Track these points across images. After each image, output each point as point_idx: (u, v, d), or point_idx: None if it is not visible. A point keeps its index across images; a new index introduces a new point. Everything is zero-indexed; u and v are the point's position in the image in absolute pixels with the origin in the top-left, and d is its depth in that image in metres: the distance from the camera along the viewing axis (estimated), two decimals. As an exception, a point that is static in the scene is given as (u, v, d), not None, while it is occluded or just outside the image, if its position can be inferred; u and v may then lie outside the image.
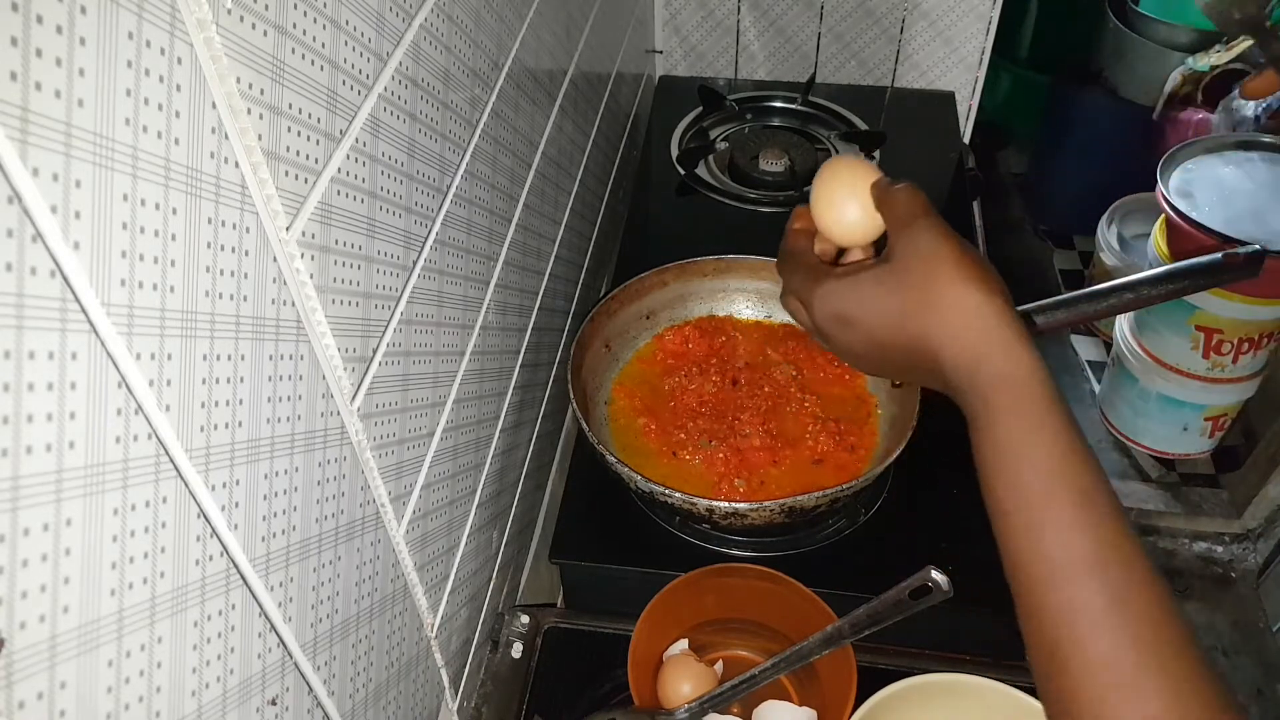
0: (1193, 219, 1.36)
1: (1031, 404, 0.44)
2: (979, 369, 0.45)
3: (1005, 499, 0.43)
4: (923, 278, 0.48)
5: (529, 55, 0.78)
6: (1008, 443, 0.43)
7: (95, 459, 0.32)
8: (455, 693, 0.74)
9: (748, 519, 0.77)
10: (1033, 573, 0.42)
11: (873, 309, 0.50)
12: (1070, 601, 0.40)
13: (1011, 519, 0.43)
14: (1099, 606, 0.39)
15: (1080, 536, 0.41)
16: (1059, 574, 0.41)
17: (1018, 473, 0.43)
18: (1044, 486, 0.42)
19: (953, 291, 0.47)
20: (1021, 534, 0.42)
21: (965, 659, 0.80)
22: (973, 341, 0.46)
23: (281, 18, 0.41)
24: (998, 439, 0.44)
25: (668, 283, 0.98)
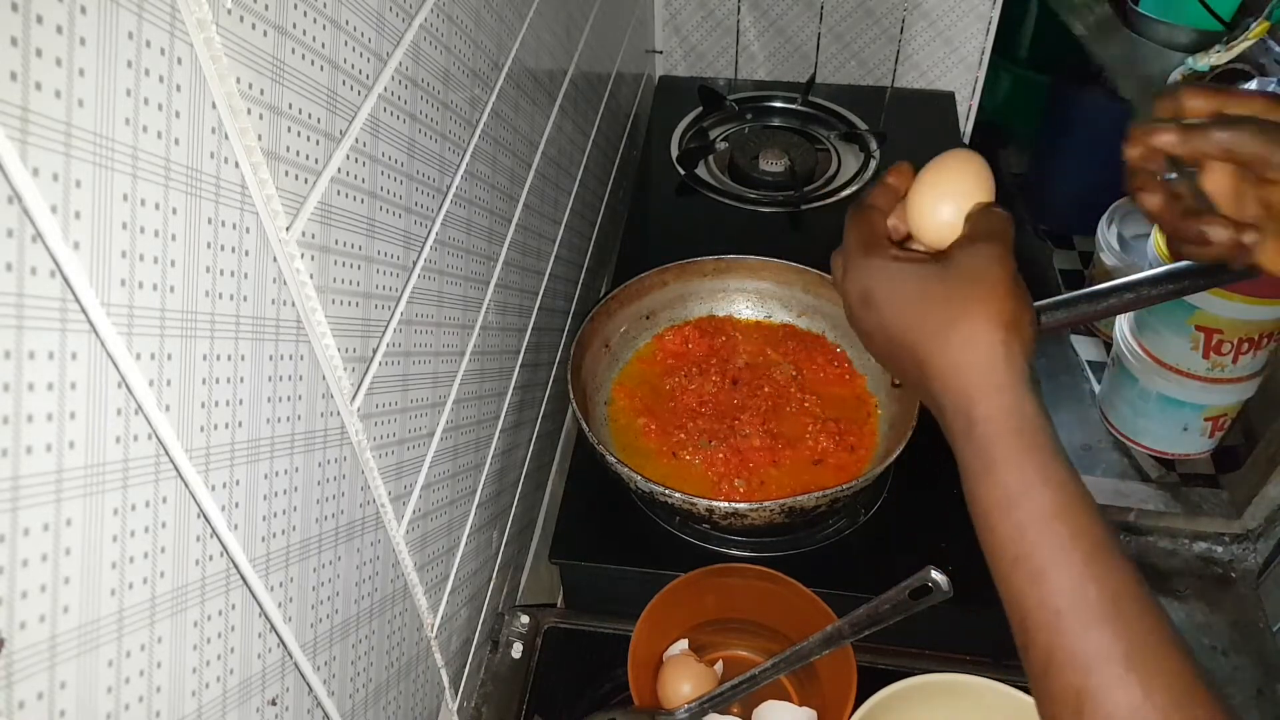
0: (1193, 219, 1.36)
1: (1037, 453, 0.43)
2: (977, 407, 0.44)
3: (1009, 545, 0.42)
4: (958, 291, 0.46)
5: (529, 55, 0.78)
6: (1008, 490, 0.43)
7: (95, 459, 0.32)
8: (455, 693, 0.74)
9: (748, 519, 0.77)
10: (1039, 619, 0.41)
11: (897, 300, 0.48)
12: (1088, 648, 0.39)
13: (1017, 565, 0.42)
14: (1120, 654, 0.38)
15: (1093, 585, 0.40)
16: (1069, 621, 0.40)
17: (1021, 522, 0.42)
18: (1050, 535, 0.41)
19: (979, 319, 0.45)
20: (1028, 581, 0.42)
21: (965, 659, 0.80)
22: (977, 380, 0.45)
23: (281, 18, 0.41)
24: (999, 484, 0.43)
25: (668, 283, 0.98)
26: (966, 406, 0.45)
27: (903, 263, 0.49)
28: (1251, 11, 1.68)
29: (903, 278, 0.49)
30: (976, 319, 0.45)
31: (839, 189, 1.23)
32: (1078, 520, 0.41)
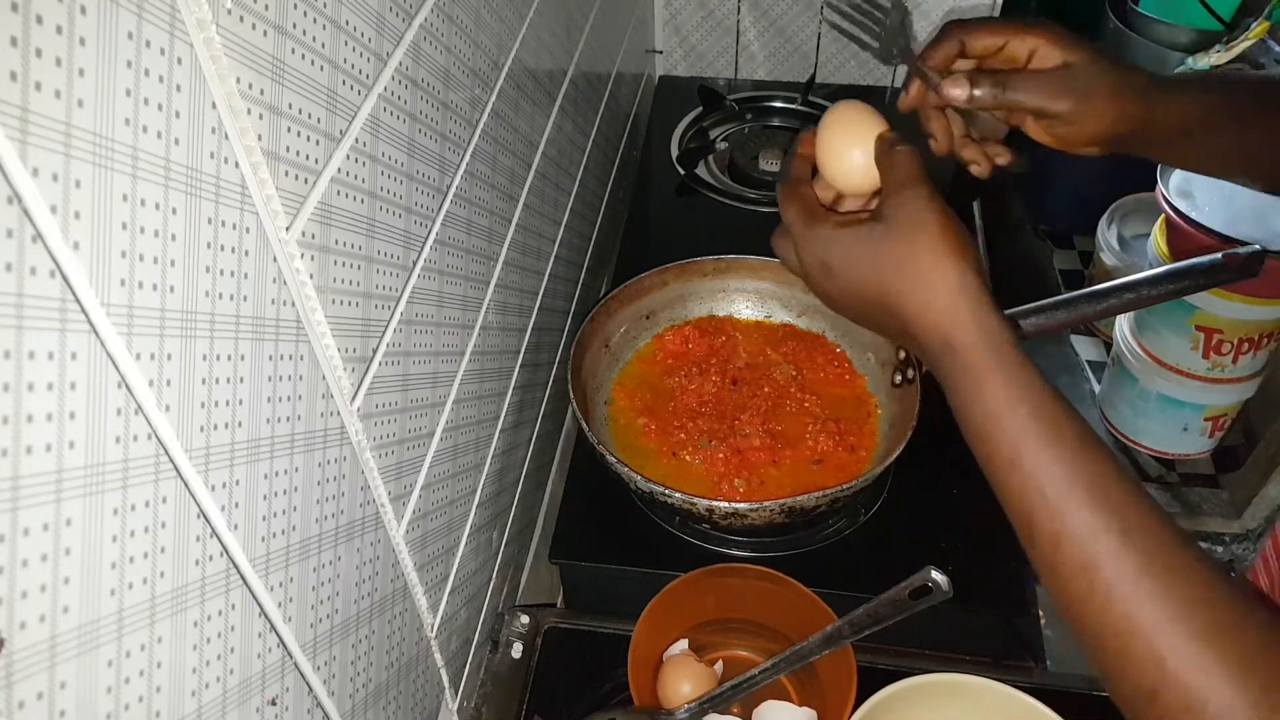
0: (1193, 219, 1.36)
1: (1012, 366, 0.47)
2: (954, 336, 0.48)
3: (1004, 449, 0.46)
4: (905, 244, 0.50)
5: (529, 55, 0.78)
6: (996, 402, 0.46)
7: (95, 459, 0.32)
8: (455, 693, 0.74)
9: (748, 519, 0.77)
10: (1040, 508, 0.44)
11: (855, 264, 0.52)
12: (1087, 524, 0.43)
13: (1014, 467, 0.45)
14: (1116, 528, 0.42)
15: (1083, 472, 0.44)
16: (1068, 504, 0.43)
17: (1010, 429, 0.45)
18: (1038, 435, 0.45)
19: (929, 261, 0.49)
20: (1025, 478, 0.45)
21: (965, 659, 0.80)
22: (946, 311, 0.49)
23: (281, 18, 0.41)
24: (985, 401, 0.47)
25: (668, 283, 0.98)
26: (945, 339, 0.49)
27: (849, 227, 0.53)
28: (1251, 11, 1.68)
29: (853, 241, 0.52)
30: (928, 260, 0.49)
31: (839, 189, 1.23)
32: (1058, 419, 0.45)
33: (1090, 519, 0.42)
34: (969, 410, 0.48)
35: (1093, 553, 0.42)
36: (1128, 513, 0.42)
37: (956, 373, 0.48)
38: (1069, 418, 0.45)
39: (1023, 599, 0.81)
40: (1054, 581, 0.44)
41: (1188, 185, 1.43)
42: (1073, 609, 0.43)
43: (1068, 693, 0.75)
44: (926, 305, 0.49)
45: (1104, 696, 0.76)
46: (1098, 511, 0.42)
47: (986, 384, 0.47)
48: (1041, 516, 0.44)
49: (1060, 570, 0.43)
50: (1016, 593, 0.82)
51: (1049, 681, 0.77)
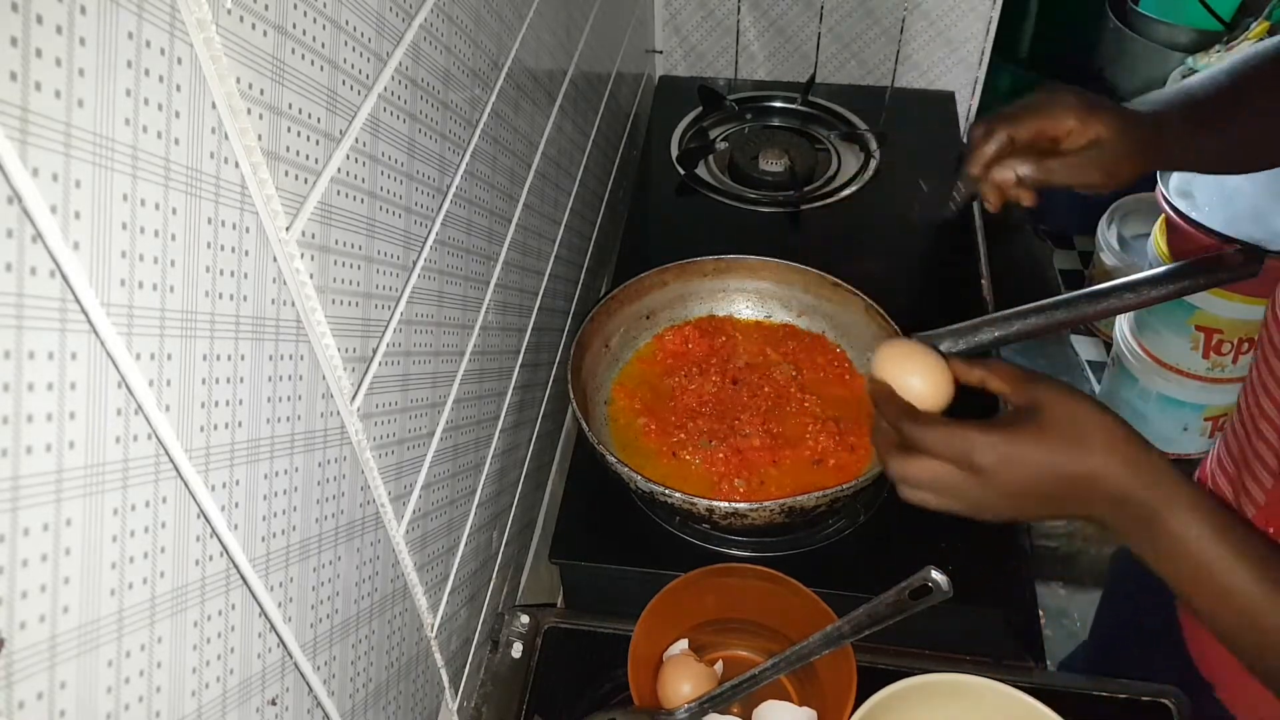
0: (1193, 219, 1.36)
1: (1198, 500, 0.53)
2: (1140, 488, 0.53)
3: (1213, 584, 0.52)
4: (1071, 427, 0.55)
5: (529, 55, 0.79)
6: (1194, 538, 0.52)
7: (95, 459, 0.32)
8: (455, 693, 0.74)
9: (748, 519, 0.77)
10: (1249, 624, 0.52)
11: (1045, 453, 0.55)
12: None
13: (1230, 601, 0.52)
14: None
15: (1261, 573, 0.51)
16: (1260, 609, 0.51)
17: (1215, 562, 0.52)
18: (1236, 560, 0.51)
19: (1101, 435, 0.54)
20: (1247, 615, 0.52)
21: (965, 659, 0.80)
22: (1126, 469, 0.54)
23: (281, 18, 0.41)
24: (1182, 537, 0.52)
25: (667, 283, 0.98)
26: (1129, 488, 0.54)
27: (1016, 427, 0.56)
28: (1251, 11, 1.68)
29: (1029, 437, 0.55)
30: (1099, 431, 0.55)
31: (839, 189, 1.23)
32: (1248, 547, 0.52)
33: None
34: (1171, 550, 0.53)
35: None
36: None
37: (1145, 518, 0.53)
38: (1241, 528, 0.52)
39: (1023, 599, 0.81)
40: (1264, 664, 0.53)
41: (1188, 185, 1.43)
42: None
43: (1068, 693, 0.75)
44: (1112, 469, 0.54)
45: (1104, 696, 0.76)
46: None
47: (1180, 521, 0.52)
48: (1248, 620, 0.51)
49: (1268, 653, 0.52)
50: (1016, 593, 0.82)
51: (1049, 681, 0.77)
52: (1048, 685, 0.75)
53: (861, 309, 0.94)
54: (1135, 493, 0.53)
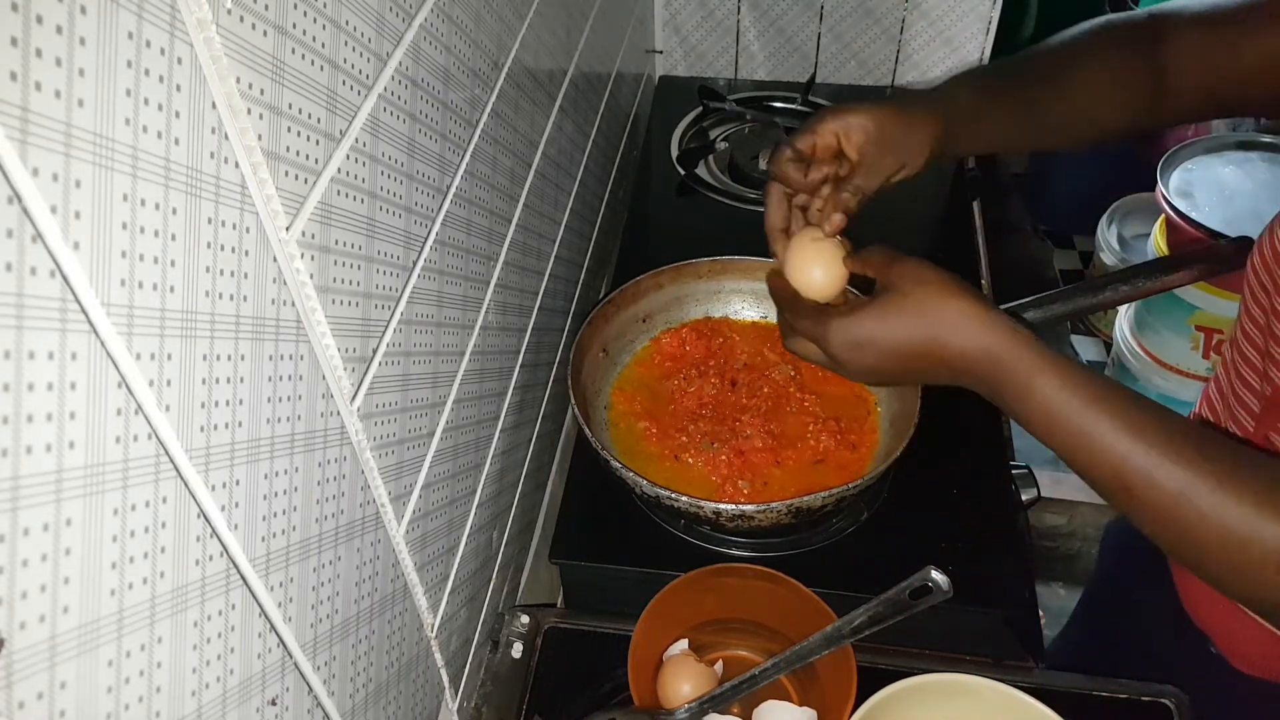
0: (1193, 219, 1.36)
1: (1053, 363, 0.55)
2: (993, 353, 0.56)
3: (1071, 441, 0.54)
4: (923, 299, 0.59)
5: (529, 55, 0.78)
6: (1052, 398, 0.54)
7: (95, 459, 0.32)
8: (455, 693, 0.74)
9: (754, 520, 0.77)
10: (1124, 466, 0.52)
11: (887, 331, 0.60)
12: (1161, 483, 0.51)
13: (1091, 458, 0.53)
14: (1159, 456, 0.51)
15: (1152, 433, 0.52)
16: (1136, 460, 0.52)
17: (1072, 418, 0.54)
18: (1094, 416, 0.53)
19: (951, 303, 0.58)
20: (1095, 454, 0.53)
21: (965, 659, 0.80)
22: (980, 335, 0.57)
23: (281, 18, 0.41)
24: (1043, 398, 0.55)
25: (663, 285, 0.98)
26: (990, 358, 0.56)
27: (860, 308, 0.61)
28: (1251, 11, 1.68)
29: (876, 314, 0.60)
30: (951, 304, 0.58)
31: (839, 189, 1.23)
32: (1106, 400, 0.53)
33: (1158, 457, 0.51)
34: (1028, 406, 0.55)
35: (1178, 482, 0.50)
36: (1187, 439, 0.51)
37: (1008, 380, 0.56)
38: (1110, 385, 0.54)
39: (1023, 599, 0.81)
40: (1148, 515, 0.53)
41: (1188, 185, 1.43)
42: (1170, 528, 0.52)
43: (1068, 693, 0.75)
44: (965, 336, 0.57)
45: (1104, 696, 0.76)
46: (1162, 449, 0.51)
47: (1038, 379, 0.55)
48: (1123, 471, 0.52)
49: (1150, 504, 0.52)
50: (1016, 593, 0.82)
51: (1049, 681, 0.77)
52: (1048, 685, 0.75)
53: (861, 309, 0.94)
54: (995, 361, 0.56)
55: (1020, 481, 0.90)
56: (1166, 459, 0.51)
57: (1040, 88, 0.72)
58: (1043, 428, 0.55)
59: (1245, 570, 0.50)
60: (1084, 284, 0.75)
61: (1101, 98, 0.72)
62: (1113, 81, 0.71)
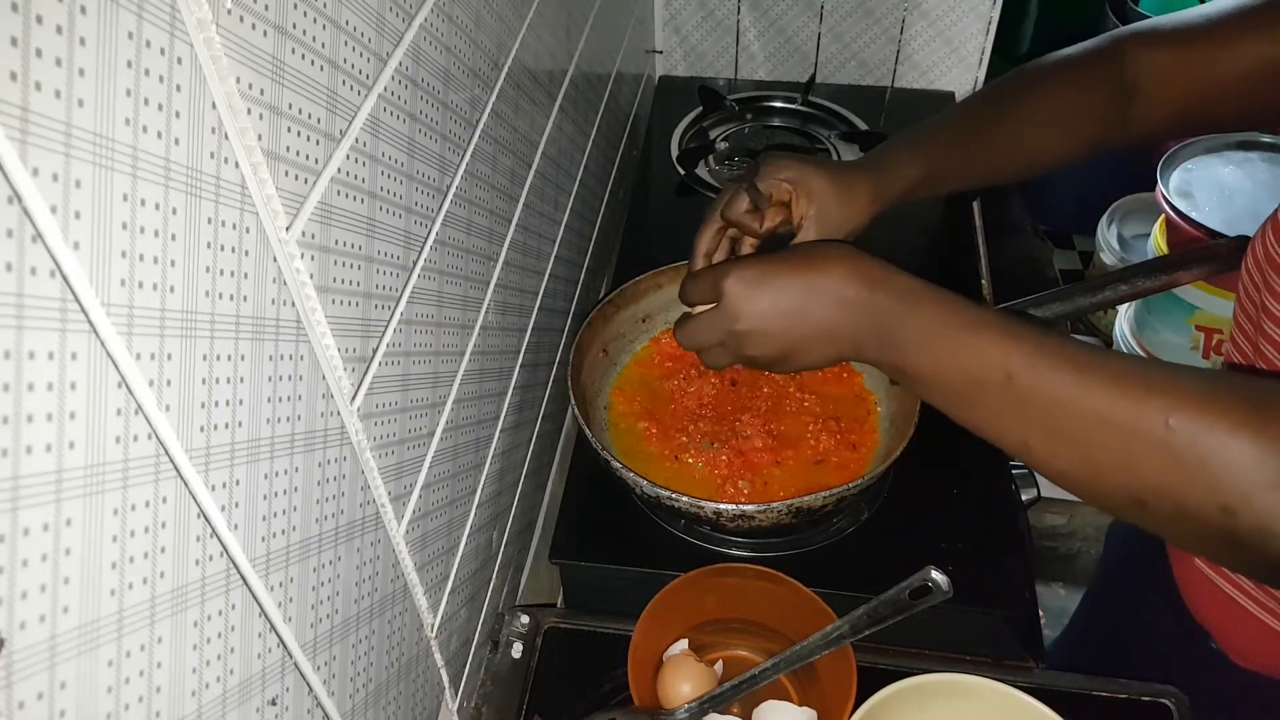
0: (1193, 219, 1.36)
1: (933, 287, 0.56)
2: (875, 275, 0.58)
3: (949, 353, 0.53)
4: (814, 245, 0.63)
5: (529, 55, 0.78)
6: (935, 312, 0.55)
7: (95, 459, 0.32)
8: (455, 693, 0.74)
9: (755, 520, 0.77)
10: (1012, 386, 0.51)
11: (783, 265, 0.61)
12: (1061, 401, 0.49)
13: (970, 360, 0.53)
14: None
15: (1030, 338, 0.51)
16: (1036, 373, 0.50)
17: (952, 330, 0.53)
18: (978, 325, 0.53)
19: (838, 254, 0.60)
20: (986, 402, 0.53)
21: (965, 659, 0.80)
22: (864, 260, 0.59)
23: (281, 18, 0.41)
24: (927, 314, 0.55)
25: (662, 285, 0.98)
26: (877, 299, 0.57)
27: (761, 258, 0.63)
28: (1251, 11, 1.68)
29: (770, 259, 0.62)
30: (842, 248, 0.60)
31: (839, 189, 1.23)
32: (988, 316, 0.53)
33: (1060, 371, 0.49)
34: (910, 325, 0.55)
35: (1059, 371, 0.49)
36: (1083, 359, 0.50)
37: (891, 307, 0.56)
38: (986, 311, 0.54)
39: (1023, 599, 0.81)
40: (1028, 411, 0.51)
41: (1188, 185, 1.43)
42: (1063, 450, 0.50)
43: (1068, 693, 0.75)
44: (850, 258, 0.59)
45: (1104, 696, 0.76)
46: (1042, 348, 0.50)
47: (923, 296, 0.55)
48: (1005, 363, 0.51)
49: (1028, 397, 0.50)
50: (1016, 593, 0.82)
51: (1049, 681, 0.77)
52: (1048, 685, 0.75)
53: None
54: (876, 281, 0.57)
55: (1020, 481, 0.90)
56: (1044, 352, 0.50)
57: (987, 130, 0.73)
58: (925, 349, 0.54)
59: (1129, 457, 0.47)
60: (1084, 284, 0.75)
61: (1051, 128, 0.72)
62: (1066, 110, 0.71)
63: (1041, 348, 0.50)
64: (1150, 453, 0.45)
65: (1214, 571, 0.77)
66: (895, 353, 0.56)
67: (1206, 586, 0.77)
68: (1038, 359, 0.50)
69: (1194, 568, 0.79)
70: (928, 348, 0.54)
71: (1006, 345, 0.51)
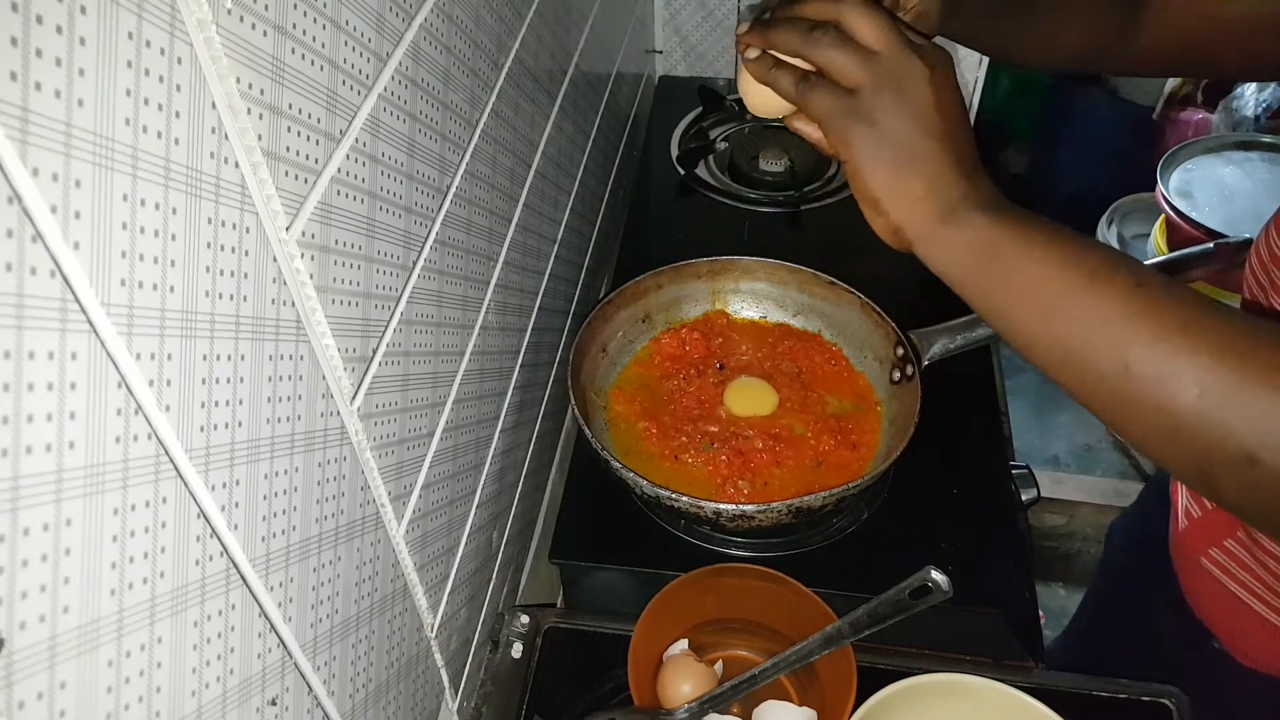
0: (1193, 219, 1.36)
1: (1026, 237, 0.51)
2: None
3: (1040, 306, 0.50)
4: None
5: (529, 55, 0.79)
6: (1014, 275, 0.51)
7: (95, 459, 0.32)
8: (455, 693, 0.74)
9: (755, 520, 0.77)
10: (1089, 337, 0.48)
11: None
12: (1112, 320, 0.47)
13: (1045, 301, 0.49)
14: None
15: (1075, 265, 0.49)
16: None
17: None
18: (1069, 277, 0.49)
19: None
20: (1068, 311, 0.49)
21: (965, 659, 0.80)
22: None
23: (281, 18, 0.41)
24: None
25: (663, 285, 0.98)
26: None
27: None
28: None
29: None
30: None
31: (839, 189, 1.23)
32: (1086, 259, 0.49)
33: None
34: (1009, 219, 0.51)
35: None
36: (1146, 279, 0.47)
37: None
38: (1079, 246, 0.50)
39: (1023, 599, 0.81)
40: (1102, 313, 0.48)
41: (1188, 185, 1.43)
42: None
43: (1068, 693, 0.75)
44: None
45: (1104, 696, 0.76)
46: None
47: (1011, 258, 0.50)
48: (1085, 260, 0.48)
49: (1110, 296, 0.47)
50: (1016, 593, 0.82)
51: (1049, 681, 0.77)
52: (1048, 685, 0.75)
53: (858, 307, 0.94)
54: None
55: (1020, 481, 0.90)
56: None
57: (1018, 8, 0.71)
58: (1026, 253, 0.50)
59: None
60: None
61: (1068, 21, 0.72)
62: (1084, 8, 0.71)
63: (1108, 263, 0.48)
64: (1184, 400, 0.45)
65: (1220, 570, 0.77)
66: (1001, 224, 0.51)
67: (1211, 585, 0.77)
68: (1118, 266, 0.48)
69: (1198, 567, 0.79)
70: (1041, 248, 0.50)
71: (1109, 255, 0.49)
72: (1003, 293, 0.50)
